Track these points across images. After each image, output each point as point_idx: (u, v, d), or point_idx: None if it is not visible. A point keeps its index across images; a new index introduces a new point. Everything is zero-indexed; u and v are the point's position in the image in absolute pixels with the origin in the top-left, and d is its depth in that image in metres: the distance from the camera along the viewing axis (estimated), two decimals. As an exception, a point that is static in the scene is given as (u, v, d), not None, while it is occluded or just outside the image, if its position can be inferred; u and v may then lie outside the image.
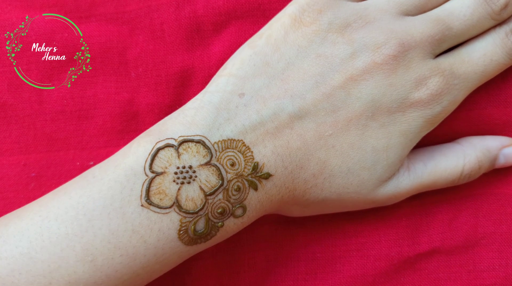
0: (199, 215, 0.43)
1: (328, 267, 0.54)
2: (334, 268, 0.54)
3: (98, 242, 0.41)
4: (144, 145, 0.43)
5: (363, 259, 0.54)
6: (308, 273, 0.54)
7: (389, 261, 0.54)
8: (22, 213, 0.43)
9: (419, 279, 0.54)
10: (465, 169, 0.49)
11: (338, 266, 0.54)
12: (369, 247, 0.54)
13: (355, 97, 0.44)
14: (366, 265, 0.54)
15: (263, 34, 0.47)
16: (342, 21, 0.46)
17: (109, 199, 0.41)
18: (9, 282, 0.40)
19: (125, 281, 0.42)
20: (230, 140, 0.43)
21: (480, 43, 0.48)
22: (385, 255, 0.54)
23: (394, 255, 0.53)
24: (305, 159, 0.44)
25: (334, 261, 0.54)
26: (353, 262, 0.54)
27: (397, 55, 0.44)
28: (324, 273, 0.54)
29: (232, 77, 0.45)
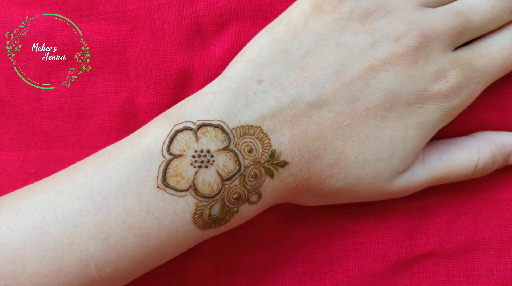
0: (215, 199, 0.42)
1: (325, 268, 0.55)
2: (332, 268, 0.55)
3: (112, 221, 0.41)
4: (162, 126, 0.42)
5: (360, 259, 0.55)
6: (305, 273, 0.55)
7: (387, 262, 0.54)
8: (36, 188, 0.42)
9: (417, 282, 0.54)
10: (479, 163, 0.50)
11: (336, 267, 0.55)
12: (367, 247, 0.55)
13: (374, 88, 0.45)
14: (364, 265, 0.54)
15: (282, 21, 0.47)
16: (363, 10, 0.46)
17: (125, 178, 0.41)
18: (20, 255, 0.40)
19: (137, 261, 0.42)
20: (248, 126, 0.43)
21: (499, 37, 0.49)
22: (383, 256, 0.54)
23: (391, 256, 0.54)
24: (322, 148, 0.45)
25: (331, 262, 0.55)
26: (350, 263, 0.55)
27: (418, 46, 0.45)
28: (321, 273, 0.54)
29: (250, 63, 0.45)
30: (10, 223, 0.40)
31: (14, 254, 0.40)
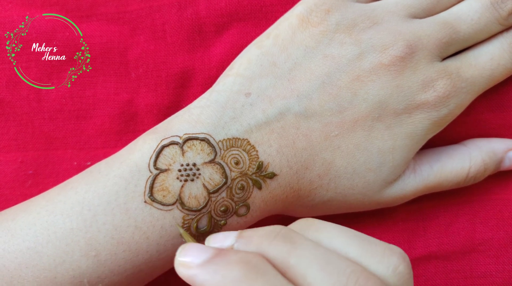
0: (201, 212, 0.44)
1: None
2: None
3: (102, 237, 0.42)
4: (150, 142, 0.44)
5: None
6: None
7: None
8: (29, 207, 0.44)
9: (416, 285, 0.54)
10: (471, 171, 0.50)
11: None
12: (365, 250, 0.55)
13: (361, 98, 0.45)
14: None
15: (270, 34, 0.48)
16: (350, 22, 0.47)
17: (114, 194, 0.43)
18: (17, 276, 0.42)
19: (128, 276, 0.43)
20: (235, 138, 0.44)
21: (487, 47, 0.49)
22: None
23: None
24: (311, 159, 0.45)
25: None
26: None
27: (404, 56, 0.46)
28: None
29: (239, 77, 0.46)
30: (6, 245, 0.42)
31: (11, 276, 0.42)
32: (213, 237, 0.37)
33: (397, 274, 0.35)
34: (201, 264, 0.33)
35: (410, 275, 0.36)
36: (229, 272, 0.32)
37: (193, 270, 0.33)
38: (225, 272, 0.32)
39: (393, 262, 0.35)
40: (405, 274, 0.35)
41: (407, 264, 0.35)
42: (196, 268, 0.33)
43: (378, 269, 0.35)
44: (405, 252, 0.53)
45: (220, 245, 0.36)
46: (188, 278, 0.33)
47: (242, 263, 0.32)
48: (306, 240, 0.35)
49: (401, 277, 0.35)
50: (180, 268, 0.34)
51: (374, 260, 0.35)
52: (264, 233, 0.35)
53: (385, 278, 0.35)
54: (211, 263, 0.33)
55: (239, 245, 0.36)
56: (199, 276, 0.33)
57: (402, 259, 0.35)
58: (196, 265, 0.33)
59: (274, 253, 0.34)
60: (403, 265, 0.35)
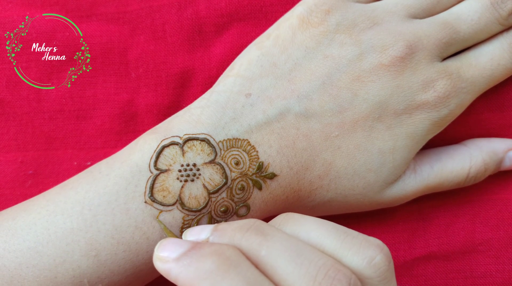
0: (202, 213, 0.44)
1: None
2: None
3: (102, 237, 0.42)
4: (150, 142, 0.44)
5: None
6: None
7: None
8: (29, 207, 0.44)
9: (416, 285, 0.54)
10: (471, 171, 0.50)
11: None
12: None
13: (362, 99, 0.46)
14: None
15: (271, 35, 0.49)
16: (350, 22, 0.47)
17: (114, 194, 0.43)
18: (17, 276, 0.42)
19: (128, 276, 0.44)
20: (235, 139, 0.44)
21: (488, 48, 0.50)
22: None
23: None
24: (311, 160, 0.45)
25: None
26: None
27: (404, 57, 0.46)
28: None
29: (239, 78, 0.47)
30: (6, 244, 0.43)
31: (12, 275, 0.42)
32: (189, 230, 0.38)
33: (373, 266, 0.35)
34: (176, 257, 0.34)
35: (389, 266, 0.36)
36: (202, 264, 0.33)
37: (169, 264, 0.34)
38: (198, 264, 0.33)
39: (369, 253, 0.35)
40: (382, 266, 0.35)
41: (385, 256, 0.36)
42: (171, 262, 0.34)
43: (353, 261, 0.35)
44: (405, 252, 0.53)
45: (196, 238, 0.37)
46: (164, 272, 0.34)
47: (215, 255, 0.33)
48: (279, 232, 0.36)
49: (377, 269, 0.35)
50: (157, 263, 0.35)
51: (349, 252, 0.35)
52: (238, 226, 0.36)
53: (360, 270, 0.35)
54: (186, 256, 0.34)
55: (214, 238, 0.36)
56: (174, 269, 0.34)
57: (379, 251, 0.36)
58: (172, 259, 0.34)
59: (246, 245, 0.35)
60: (379, 256, 0.35)
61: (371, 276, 0.35)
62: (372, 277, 0.35)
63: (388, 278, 0.36)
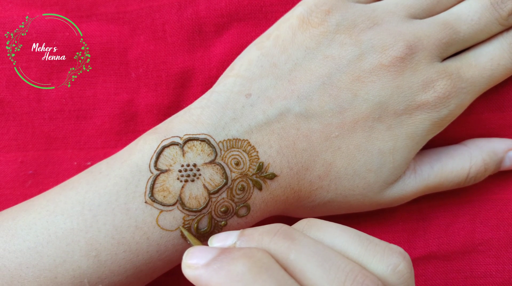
0: (202, 213, 0.44)
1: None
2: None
3: (102, 238, 0.42)
4: (150, 142, 0.44)
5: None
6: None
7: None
8: (30, 207, 0.44)
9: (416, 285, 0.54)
10: (471, 171, 0.50)
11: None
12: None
13: (362, 99, 0.46)
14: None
15: (271, 35, 0.49)
16: (350, 22, 0.47)
17: (114, 195, 0.43)
18: (17, 276, 0.42)
19: (128, 277, 0.44)
20: (235, 139, 0.44)
21: (488, 48, 0.50)
22: None
23: None
24: (311, 160, 0.46)
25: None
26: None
27: (404, 57, 0.46)
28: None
29: (239, 78, 0.47)
30: (6, 245, 0.43)
31: (12, 275, 0.42)
32: (215, 237, 0.38)
33: (397, 273, 0.36)
34: (206, 263, 0.34)
35: (411, 274, 0.36)
36: (233, 267, 0.33)
37: (199, 270, 0.34)
38: (230, 267, 0.33)
39: (393, 261, 0.36)
40: (405, 273, 0.36)
41: (407, 263, 0.36)
42: (201, 268, 0.34)
43: (378, 268, 0.36)
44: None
45: (222, 244, 0.37)
46: (195, 279, 0.35)
47: (246, 258, 0.33)
48: (306, 237, 0.36)
49: (400, 276, 0.36)
50: (187, 270, 0.35)
51: (374, 259, 0.36)
52: (265, 230, 0.36)
53: (385, 277, 0.35)
54: (216, 261, 0.34)
55: (241, 243, 0.36)
56: (204, 275, 0.34)
57: (402, 258, 0.36)
58: (201, 265, 0.34)
59: (274, 249, 0.35)
60: (403, 264, 0.36)
61: (395, 283, 0.36)
62: (396, 284, 0.36)
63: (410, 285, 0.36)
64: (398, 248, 0.37)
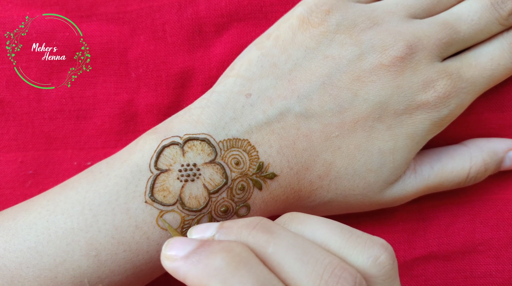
0: (202, 213, 0.44)
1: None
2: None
3: (102, 237, 0.42)
4: (150, 142, 0.44)
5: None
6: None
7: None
8: (30, 207, 0.44)
9: (416, 285, 0.54)
10: (471, 171, 0.50)
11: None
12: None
13: (362, 99, 0.46)
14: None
15: (271, 35, 0.49)
16: (350, 22, 0.47)
17: (115, 194, 0.43)
18: (17, 275, 0.42)
19: (128, 276, 0.44)
20: (235, 139, 0.44)
21: (488, 48, 0.50)
22: None
23: None
24: (311, 160, 0.46)
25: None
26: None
27: (404, 57, 0.46)
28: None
29: (239, 78, 0.47)
30: (7, 244, 0.43)
31: (12, 275, 0.42)
32: (194, 228, 0.38)
33: (378, 265, 0.35)
34: (185, 255, 0.34)
35: (393, 266, 0.36)
36: (211, 261, 0.33)
37: (177, 262, 0.34)
38: (208, 261, 0.33)
39: (374, 253, 0.36)
40: (387, 265, 0.36)
41: (389, 255, 0.36)
42: (180, 260, 0.34)
43: (358, 260, 0.36)
44: (405, 252, 0.53)
45: (201, 236, 0.37)
46: (173, 271, 0.34)
47: (225, 252, 0.33)
48: (285, 230, 0.36)
49: (381, 268, 0.36)
50: (165, 262, 0.35)
51: (354, 251, 0.36)
52: (244, 223, 0.36)
53: (365, 269, 0.35)
54: (194, 254, 0.34)
55: (220, 236, 0.37)
56: (182, 267, 0.34)
57: (383, 250, 0.36)
58: (180, 257, 0.34)
59: (253, 242, 0.35)
60: (384, 256, 0.36)
61: (375, 275, 0.35)
62: (376, 276, 0.35)
63: (392, 277, 0.36)
64: (380, 239, 0.37)
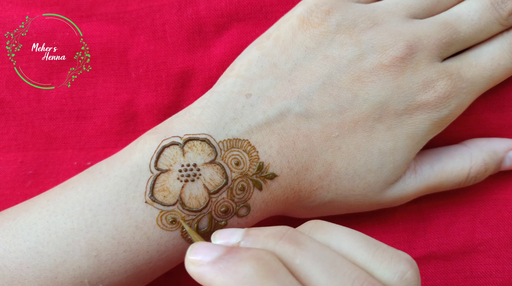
0: (202, 213, 0.44)
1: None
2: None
3: (103, 237, 0.43)
4: (150, 142, 0.44)
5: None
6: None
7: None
8: (30, 207, 0.44)
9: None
10: (472, 171, 0.50)
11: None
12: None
13: (362, 99, 0.46)
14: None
15: (271, 35, 0.49)
16: (350, 22, 0.47)
17: (115, 194, 0.43)
18: (18, 276, 0.42)
19: (129, 277, 0.44)
20: (235, 139, 0.44)
21: (488, 48, 0.50)
22: None
23: None
24: (311, 160, 0.46)
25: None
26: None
27: (404, 57, 0.46)
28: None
29: (239, 78, 0.47)
30: (7, 245, 0.43)
31: (12, 275, 0.42)
32: (219, 233, 0.38)
33: (404, 281, 0.35)
34: (211, 261, 0.34)
35: (417, 282, 0.36)
36: (240, 269, 0.33)
37: (203, 267, 0.34)
38: (237, 268, 0.33)
39: (400, 268, 0.35)
40: (412, 282, 0.35)
41: (415, 271, 0.36)
42: (206, 266, 0.34)
43: (385, 275, 0.35)
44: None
45: (225, 241, 0.37)
46: (198, 276, 0.34)
47: (254, 260, 0.33)
48: (312, 242, 0.35)
49: (407, 284, 0.35)
50: (190, 266, 0.35)
51: (381, 265, 0.35)
52: (271, 232, 0.36)
53: (391, 284, 0.35)
54: (222, 260, 0.34)
55: (246, 243, 0.36)
56: (209, 273, 0.33)
57: (409, 266, 0.36)
58: (207, 262, 0.34)
59: (280, 252, 0.35)
60: (410, 272, 0.35)
61: None
62: None
63: None
64: (406, 255, 0.37)
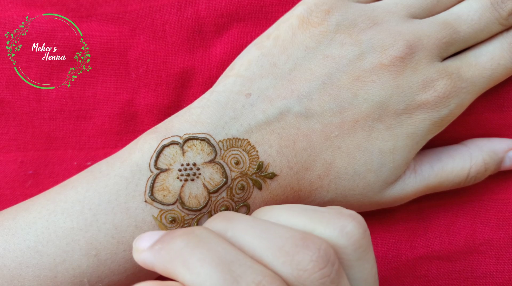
0: (202, 212, 0.44)
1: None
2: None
3: (102, 237, 0.43)
4: (150, 142, 0.44)
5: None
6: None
7: (386, 265, 0.55)
8: (30, 206, 0.44)
9: (418, 286, 0.54)
10: (471, 171, 0.50)
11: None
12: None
13: (362, 98, 0.46)
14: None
15: (271, 35, 0.49)
16: (350, 22, 0.47)
17: (114, 194, 0.43)
18: (17, 275, 0.42)
19: (128, 276, 0.44)
20: (235, 139, 0.45)
21: (488, 47, 0.50)
22: (382, 258, 0.54)
23: (391, 258, 0.54)
24: (311, 160, 0.46)
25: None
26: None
27: (404, 57, 0.46)
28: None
29: (239, 78, 0.47)
30: (6, 244, 0.43)
31: (12, 275, 0.42)
32: None
33: (345, 234, 0.34)
34: (150, 246, 0.34)
35: (363, 235, 0.35)
36: (172, 245, 0.33)
37: (145, 253, 0.34)
38: (169, 245, 0.33)
39: (340, 223, 0.35)
40: (356, 234, 0.35)
41: (358, 224, 0.35)
42: (146, 251, 0.34)
43: (325, 232, 0.35)
44: (407, 251, 0.53)
45: None
46: (143, 262, 0.34)
47: (185, 235, 0.33)
48: (244, 216, 0.35)
49: (350, 237, 0.34)
50: (135, 254, 0.35)
51: (320, 225, 0.35)
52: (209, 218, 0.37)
53: (333, 239, 0.34)
54: (157, 242, 0.34)
55: None
56: (149, 257, 0.34)
57: (350, 219, 0.35)
58: (147, 248, 0.34)
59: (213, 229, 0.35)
60: (352, 224, 0.35)
61: (345, 245, 0.34)
62: (346, 245, 0.34)
63: (363, 247, 0.35)
64: (349, 211, 0.36)
